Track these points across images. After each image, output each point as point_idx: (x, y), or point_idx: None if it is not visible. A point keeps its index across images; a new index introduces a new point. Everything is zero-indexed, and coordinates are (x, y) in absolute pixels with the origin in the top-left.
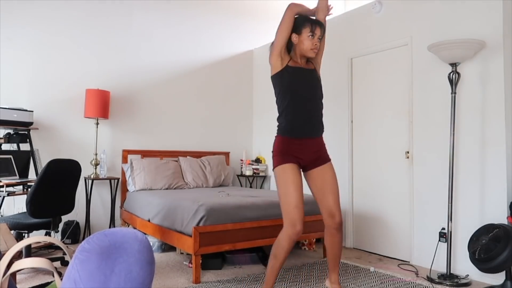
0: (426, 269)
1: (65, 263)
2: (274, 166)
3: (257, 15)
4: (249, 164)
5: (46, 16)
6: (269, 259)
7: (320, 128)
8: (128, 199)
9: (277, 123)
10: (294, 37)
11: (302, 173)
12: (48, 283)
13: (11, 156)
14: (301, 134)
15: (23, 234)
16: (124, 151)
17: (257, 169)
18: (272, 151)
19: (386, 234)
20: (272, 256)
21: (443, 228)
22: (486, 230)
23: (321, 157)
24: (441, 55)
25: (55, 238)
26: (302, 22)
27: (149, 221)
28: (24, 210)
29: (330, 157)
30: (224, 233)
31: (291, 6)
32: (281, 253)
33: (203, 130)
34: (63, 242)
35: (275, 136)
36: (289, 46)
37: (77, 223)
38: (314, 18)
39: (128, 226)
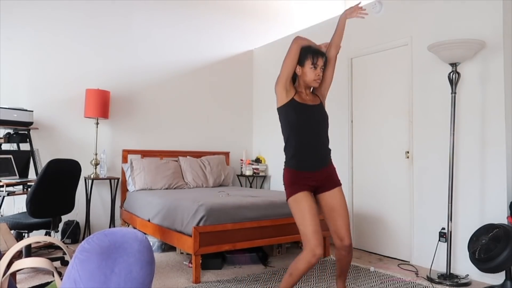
0: (426, 269)
1: (65, 263)
2: (287, 198)
3: (257, 15)
4: (249, 164)
5: (46, 16)
6: (285, 274)
7: (327, 158)
8: (128, 199)
9: (285, 154)
10: (298, 69)
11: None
12: (48, 283)
13: (11, 156)
14: (307, 168)
15: (23, 234)
16: (124, 151)
17: (257, 169)
18: (283, 184)
19: (386, 234)
20: (288, 273)
21: (443, 228)
22: (486, 230)
23: (331, 181)
24: (441, 55)
25: (55, 238)
26: (305, 54)
27: (149, 221)
28: (24, 210)
29: (340, 182)
30: (224, 233)
31: (297, 39)
32: (296, 274)
33: (203, 130)
34: (63, 242)
35: (284, 168)
36: (294, 76)
37: (77, 223)
38: (316, 48)
39: (128, 226)
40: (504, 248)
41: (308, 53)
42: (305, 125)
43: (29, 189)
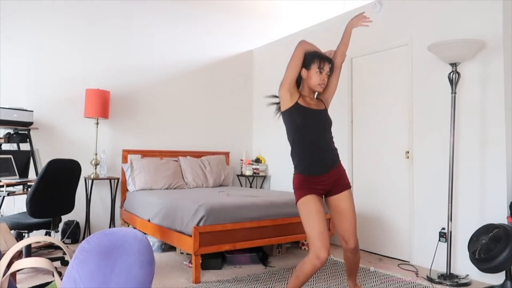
0: (426, 269)
1: (65, 263)
2: (296, 201)
3: (257, 15)
4: (249, 164)
5: (46, 16)
6: (292, 275)
7: (334, 161)
8: (128, 199)
9: (291, 158)
10: (304, 72)
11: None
12: (48, 283)
13: (11, 156)
14: (315, 172)
15: (23, 234)
16: (124, 151)
17: (257, 169)
18: (293, 188)
19: (386, 234)
20: (294, 275)
21: (443, 228)
22: (486, 230)
23: (340, 184)
24: (441, 55)
25: (55, 238)
26: (311, 57)
27: (149, 221)
28: (24, 210)
29: (350, 184)
30: (224, 233)
31: (302, 43)
32: (302, 276)
33: (203, 130)
34: (63, 242)
35: (293, 173)
36: (299, 80)
37: (77, 223)
38: (323, 54)
39: (128, 226)
40: (504, 248)
41: (315, 57)
42: (311, 129)
43: (29, 189)
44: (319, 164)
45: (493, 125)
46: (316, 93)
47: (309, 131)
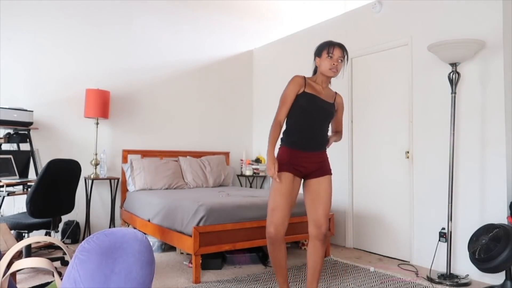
0: (426, 269)
1: (65, 263)
2: None
3: (257, 15)
4: (249, 164)
5: (46, 16)
6: None
7: (322, 146)
8: (128, 199)
9: (282, 136)
10: (317, 60)
11: (302, 181)
12: (48, 283)
13: (11, 156)
14: (301, 147)
15: (23, 234)
16: (124, 151)
17: (257, 169)
18: (276, 159)
19: (386, 234)
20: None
21: (443, 228)
22: (486, 230)
23: (322, 169)
24: (441, 55)
25: (55, 238)
26: (323, 45)
27: (149, 221)
28: (24, 210)
29: (331, 171)
30: (224, 233)
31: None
32: (269, 250)
33: (203, 130)
34: (63, 242)
35: (280, 147)
36: (316, 69)
37: (77, 223)
38: (334, 41)
39: (128, 226)
40: (504, 248)
41: (326, 44)
42: (312, 112)
43: (29, 189)
44: (307, 143)
45: (493, 125)
46: (329, 84)
47: (311, 113)
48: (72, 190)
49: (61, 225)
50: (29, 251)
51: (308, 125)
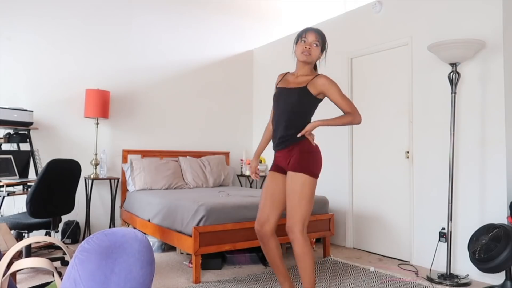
0: (426, 269)
1: (65, 263)
2: None
3: (257, 15)
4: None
5: (46, 16)
6: None
7: (290, 138)
8: (128, 199)
9: None
10: (295, 48)
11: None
12: (48, 283)
13: (11, 156)
14: (276, 144)
15: (23, 234)
16: (124, 151)
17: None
18: None
19: (386, 234)
20: None
21: (443, 228)
22: (486, 230)
23: (290, 165)
24: (441, 55)
25: (55, 238)
26: (299, 32)
27: (149, 221)
28: (24, 210)
29: (300, 168)
30: (224, 233)
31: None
32: (261, 247)
33: (203, 130)
34: (63, 242)
35: None
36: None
37: (77, 223)
38: (310, 27)
39: (128, 226)
40: (504, 248)
41: (301, 31)
42: (276, 106)
43: (29, 189)
44: (275, 138)
45: (493, 125)
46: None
47: (276, 109)
48: (72, 190)
49: (61, 225)
50: (29, 251)
51: (275, 121)
